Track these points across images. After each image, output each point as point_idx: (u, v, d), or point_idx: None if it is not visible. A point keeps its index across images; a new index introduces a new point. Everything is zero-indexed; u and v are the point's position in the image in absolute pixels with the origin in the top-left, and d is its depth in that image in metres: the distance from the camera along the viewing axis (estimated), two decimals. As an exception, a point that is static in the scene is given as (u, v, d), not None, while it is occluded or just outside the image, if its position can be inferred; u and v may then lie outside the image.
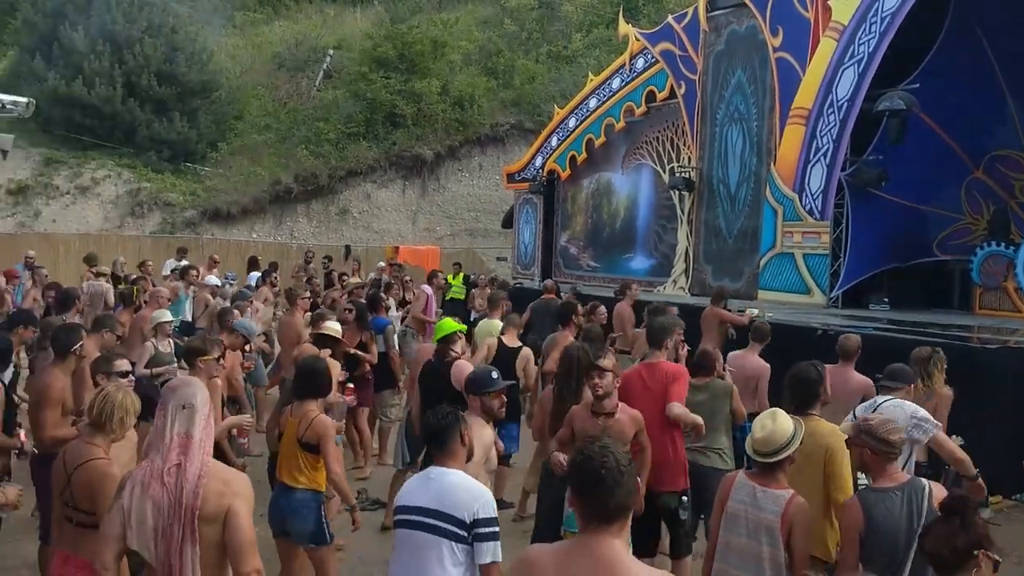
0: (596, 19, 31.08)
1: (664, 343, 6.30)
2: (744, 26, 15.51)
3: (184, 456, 3.43)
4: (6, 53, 29.55)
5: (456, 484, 3.96)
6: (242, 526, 3.40)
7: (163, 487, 3.38)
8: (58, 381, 5.86)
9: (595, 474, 2.78)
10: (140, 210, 25.77)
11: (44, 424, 5.67)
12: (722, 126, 16.04)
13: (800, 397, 5.01)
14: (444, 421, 4.16)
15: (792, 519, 4.17)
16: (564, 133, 20.37)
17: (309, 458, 5.46)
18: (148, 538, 3.38)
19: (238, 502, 3.43)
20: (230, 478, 3.49)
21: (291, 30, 32.71)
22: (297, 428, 5.48)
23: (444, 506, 3.89)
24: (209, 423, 3.55)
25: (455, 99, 28.63)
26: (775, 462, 4.25)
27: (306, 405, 5.56)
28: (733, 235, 15.79)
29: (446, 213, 28.66)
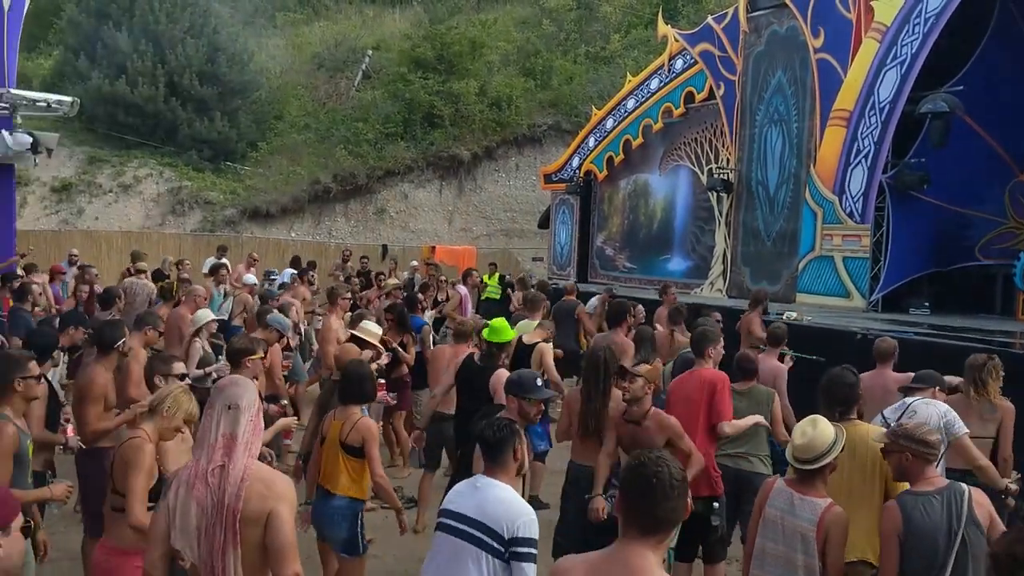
0: (635, 20, 30.98)
1: (706, 351, 6.27)
2: (785, 27, 15.40)
3: (228, 457, 3.41)
4: (51, 53, 30.05)
5: (500, 498, 3.92)
6: (283, 529, 3.37)
7: (207, 487, 3.37)
8: (100, 377, 5.96)
9: (645, 483, 2.76)
10: (181, 208, 26.10)
11: (88, 419, 5.78)
12: (761, 127, 15.93)
13: (840, 402, 4.96)
14: (500, 434, 4.10)
15: (828, 528, 4.13)
16: (602, 134, 20.34)
17: (352, 462, 5.45)
18: (191, 538, 3.37)
19: (280, 505, 3.39)
20: (273, 480, 3.46)
21: (331, 31, 32.94)
22: (341, 431, 5.47)
23: (485, 517, 3.87)
24: (257, 425, 3.53)
25: (493, 100, 28.68)
26: (815, 469, 4.22)
27: (350, 409, 5.57)
28: (772, 237, 15.67)
29: (482, 213, 28.72)
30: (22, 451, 4.65)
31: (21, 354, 5.07)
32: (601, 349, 6.32)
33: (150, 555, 3.49)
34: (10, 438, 4.57)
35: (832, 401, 4.97)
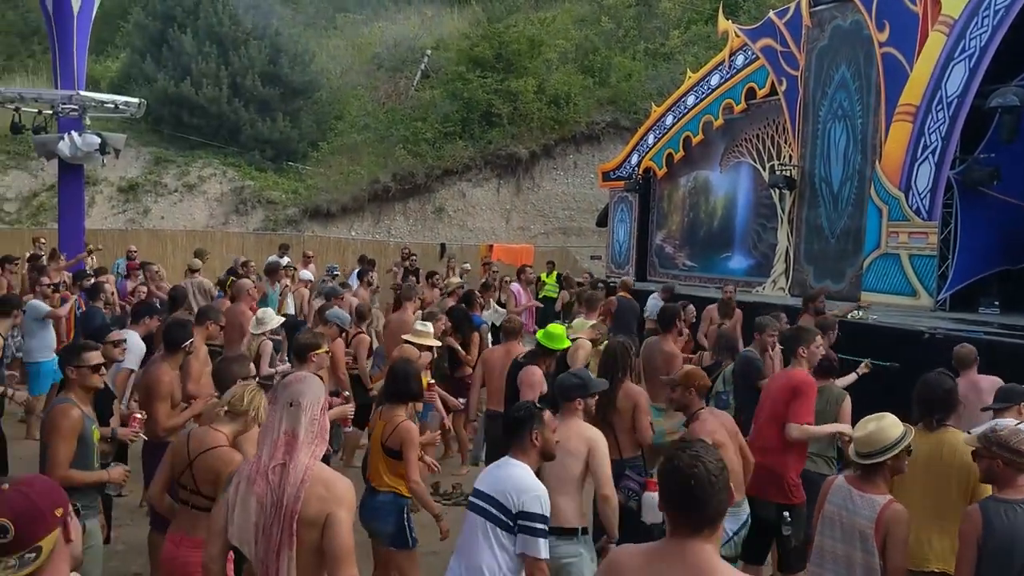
0: (695, 15, 30.69)
1: (797, 351, 6.15)
2: (848, 21, 15.12)
3: (289, 455, 3.40)
4: (119, 56, 30.72)
5: (512, 475, 4.18)
6: (341, 533, 3.35)
7: (267, 484, 3.37)
8: (166, 375, 6.12)
9: (684, 486, 2.70)
10: (244, 208, 26.51)
11: (157, 416, 5.93)
12: (825, 123, 15.67)
13: (939, 408, 4.79)
14: (517, 415, 4.39)
15: (887, 526, 4.05)
16: (661, 131, 20.18)
17: (391, 463, 5.49)
18: (249, 534, 3.38)
19: (339, 508, 3.37)
20: (333, 482, 3.42)
21: (390, 31, 33.17)
22: (383, 432, 5.52)
23: (497, 493, 4.14)
24: (322, 424, 3.50)
25: (551, 97, 28.62)
26: (874, 464, 4.14)
27: (395, 409, 5.59)
28: (836, 235, 15.41)
29: (540, 211, 28.69)
30: (86, 434, 4.92)
31: (79, 344, 5.29)
32: (616, 344, 6.45)
33: (209, 550, 3.51)
34: (74, 420, 4.85)
35: (930, 407, 4.81)
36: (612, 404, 6.03)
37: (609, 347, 6.51)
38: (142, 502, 7.32)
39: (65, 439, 4.80)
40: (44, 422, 5.06)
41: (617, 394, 6.08)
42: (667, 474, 2.77)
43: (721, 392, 7.75)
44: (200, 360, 6.78)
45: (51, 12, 14.98)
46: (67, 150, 14.46)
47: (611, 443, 5.84)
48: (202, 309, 7.86)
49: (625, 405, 6.10)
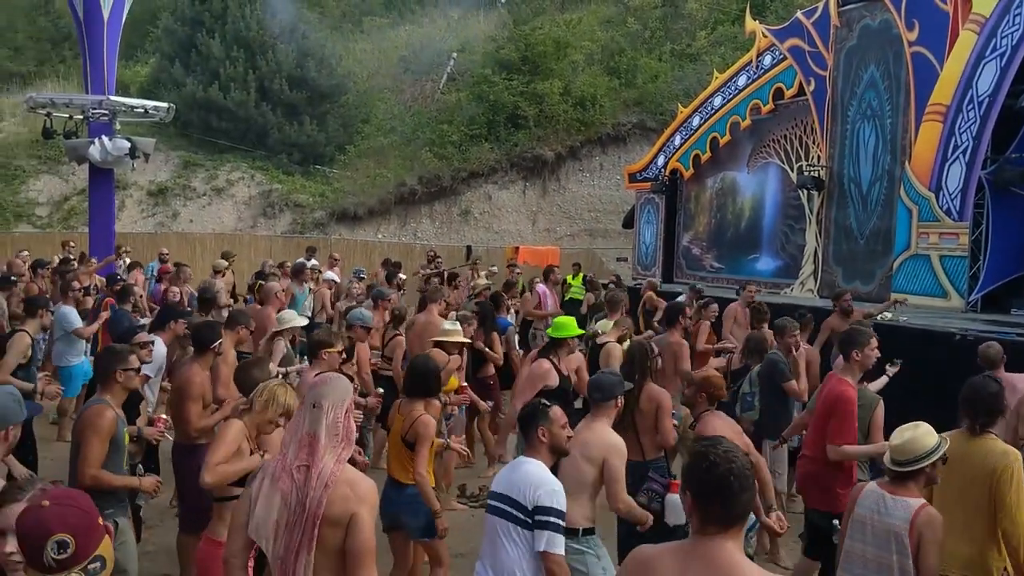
0: (721, 16, 30.55)
1: (851, 355, 5.90)
2: (877, 20, 14.99)
3: (311, 457, 3.41)
4: (148, 61, 31.03)
5: (526, 471, 4.17)
6: (364, 534, 3.37)
7: (292, 482, 3.39)
8: (197, 376, 6.16)
9: (722, 480, 2.66)
10: (272, 211, 26.70)
11: (188, 417, 5.97)
12: (854, 123, 15.54)
13: (985, 413, 4.69)
14: (525, 412, 4.44)
15: (920, 529, 4.02)
16: (688, 132, 20.09)
17: (411, 455, 5.53)
18: (269, 531, 3.39)
19: (362, 509, 3.39)
20: (356, 482, 3.44)
21: (416, 34, 33.29)
22: (402, 426, 5.58)
23: (511, 491, 4.14)
24: (347, 426, 3.51)
25: (577, 99, 28.59)
26: (908, 472, 4.12)
27: (414, 404, 5.64)
28: (865, 236, 15.27)
29: (566, 213, 28.67)
30: (119, 436, 5.01)
31: (123, 347, 5.37)
32: (637, 345, 6.48)
33: (230, 545, 3.55)
34: (110, 421, 4.94)
35: (976, 412, 4.70)
36: (634, 405, 6.01)
37: (630, 348, 6.53)
38: (172, 502, 7.38)
39: (100, 439, 4.88)
40: (78, 421, 5.13)
41: (639, 395, 6.06)
42: (700, 469, 2.73)
43: (747, 394, 7.73)
44: (229, 364, 6.77)
45: (82, 18, 15.15)
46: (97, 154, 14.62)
47: (633, 445, 5.87)
48: (232, 314, 7.89)
49: (648, 407, 6.08)
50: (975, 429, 4.66)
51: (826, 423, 5.79)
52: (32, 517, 2.34)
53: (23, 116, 25.04)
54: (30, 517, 2.33)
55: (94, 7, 14.98)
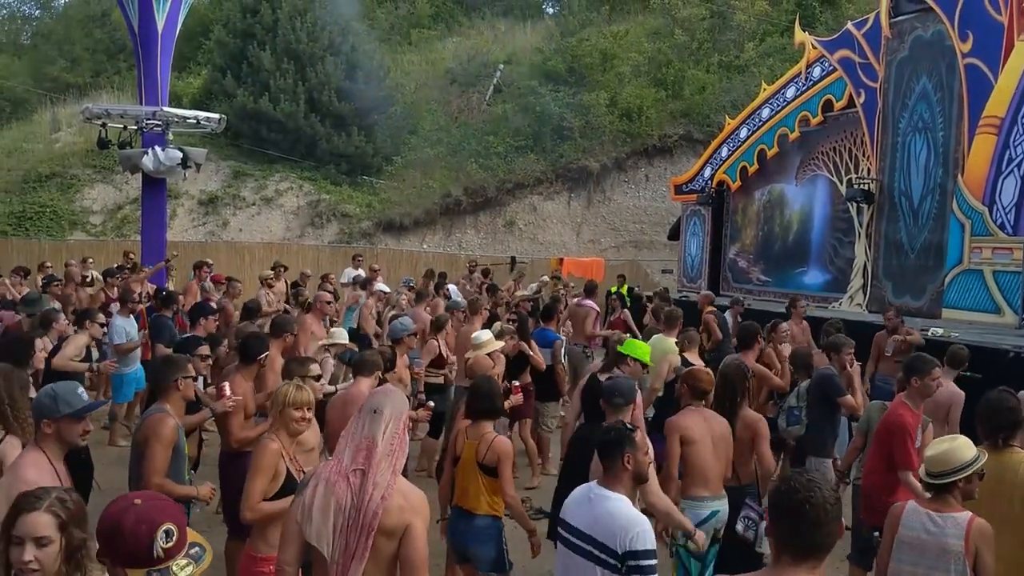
0: (770, 28, 30.34)
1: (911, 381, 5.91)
2: (930, 31, 14.78)
3: (368, 461, 3.46)
4: (200, 72, 31.54)
5: (612, 511, 3.83)
6: (417, 545, 3.42)
7: (348, 487, 3.43)
8: (240, 387, 6.19)
9: (798, 508, 2.65)
10: (319, 221, 26.96)
11: (231, 428, 6.02)
12: (905, 136, 15.32)
13: (1004, 427, 4.69)
14: (606, 438, 4.03)
15: (976, 542, 3.98)
16: (735, 143, 19.96)
17: (489, 481, 5.37)
18: (327, 535, 3.42)
19: (416, 520, 3.44)
20: (409, 493, 3.49)
21: (463, 46, 33.47)
22: (476, 450, 5.39)
23: (597, 533, 3.81)
24: (402, 438, 3.57)
25: (623, 111, 28.54)
26: (945, 484, 4.08)
27: (482, 427, 5.49)
28: (915, 250, 15.04)
29: (611, 225, 28.60)
30: (180, 445, 5.08)
31: (181, 357, 5.43)
32: (728, 367, 6.20)
33: (282, 554, 3.55)
34: (172, 430, 5.00)
35: (995, 427, 4.70)
36: (730, 432, 5.79)
37: (723, 369, 6.16)
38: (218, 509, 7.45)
39: (164, 447, 4.95)
40: (140, 430, 5.18)
41: (734, 422, 5.83)
42: (779, 492, 2.71)
43: (794, 408, 7.59)
44: (276, 373, 6.82)
45: (137, 31, 15.44)
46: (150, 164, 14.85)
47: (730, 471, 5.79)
48: (277, 321, 7.94)
49: (743, 434, 5.85)
50: (998, 443, 4.67)
51: (884, 446, 5.81)
52: (132, 515, 2.42)
53: (79, 126, 25.59)
54: (130, 515, 2.42)
55: (149, 20, 15.26)
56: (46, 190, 25.97)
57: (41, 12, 39.88)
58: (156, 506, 2.47)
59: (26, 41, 38.23)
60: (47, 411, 3.89)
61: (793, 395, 7.73)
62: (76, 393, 3.95)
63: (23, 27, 39.49)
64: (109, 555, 2.44)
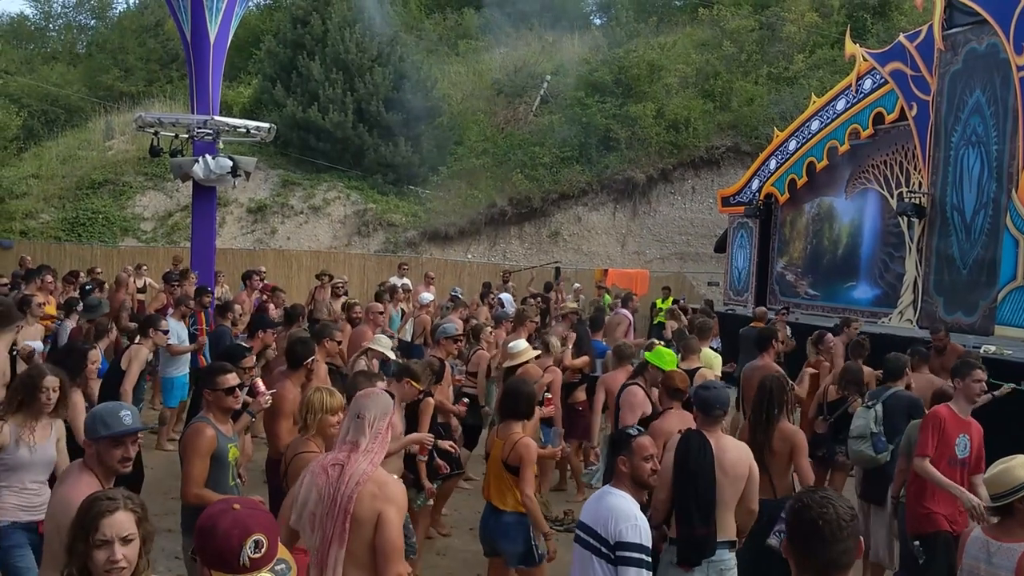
0: (820, 39, 30.04)
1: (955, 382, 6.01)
2: (984, 44, 14.55)
3: (348, 458, 3.73)
4: (251, 82, 31.97)
5: (611, 505, 4.13)
6: (390, 531, 3.64)
7: (327, 478, 3.71)
8: (290, 392, 6.23)
9: (812, 525, 2.63)
10: (366, 229, 27.16)
11: (279, 433, 6.05)
12: (957, 149, 15.08)
13: None
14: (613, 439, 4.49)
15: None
16: (783, 156, 19.78)
17: (514, 479, 5.50)
18: (307, 522, 3.70)
19: (389, 508, 3.66)
20: (385, 482, 3.74)
21: (511, 57, 33.56)
22: (502, 449, 5.55)
23: (595, 523, 4.12)
24: (384, 437, 3.83)
25: (670, 122, 28.43)
26: (1007, 508, 3.99)
27: (511, 426, 5.63)
28: (968, 265, 14.77)
29: (656, 236, 28.47)
30: (221, 453, 5.05)
31: (222, 366, 5.44)
32: (770, 379, 6.10)
33: None
34: (208, 439, 4.99)
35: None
36: (767, 445, 5.73)
37: (763, 383, 6.04)
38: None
39: (200, 457, 4.95)
40: (180, 441, 5.24)
41: (772, 434, 5.75)
42: (796, 514, 2.70)
43: (877, 434, 7.12)
44: (320, 378, 6.84)
45: (189, 41, 15.66)
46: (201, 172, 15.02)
47: (765, 483, 5.65)
48: (320, 326, 8.01)
49: (781, 447, 5.75)
50: None
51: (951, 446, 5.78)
52: (229, 518, 2.45)
53: (132, 134, 26.04)
54: (226, 518, 2.45)
55: (201, 30, 15.48)
56: (99, 197, 26.46)
57: (96, 22, 40.66)
58: (252, 515, 2.49)
59: (81, 50, 38.98)
60: (88, 431, 3.90)
61: (871, 420, 7.22)
62: (117, 416, 3.88)
63: (79, 37, 40.29)
64: (201, 553, 2.49)
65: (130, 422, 3.89)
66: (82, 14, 40.66)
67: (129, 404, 5.40)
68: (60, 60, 36.97)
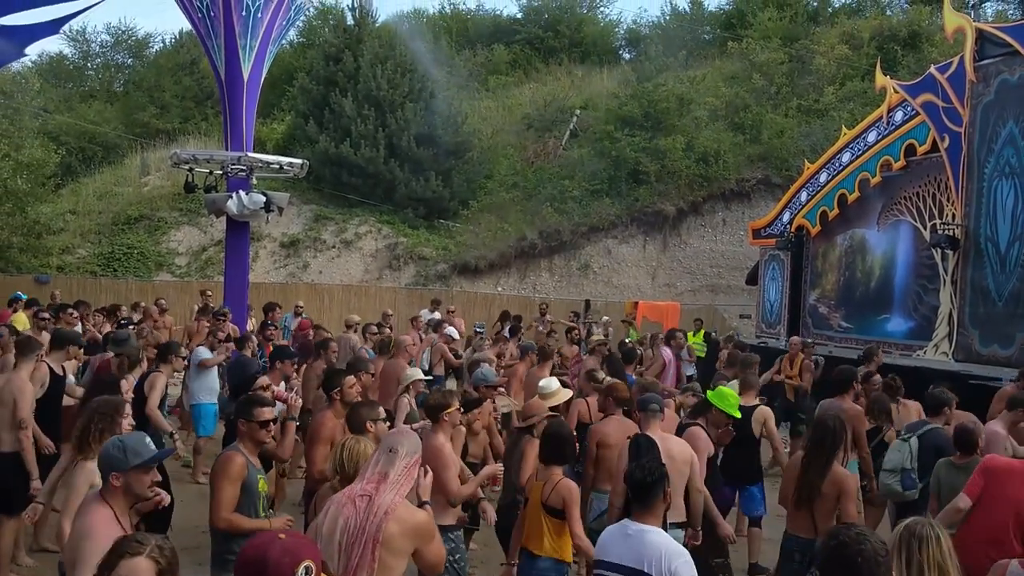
0: (850, 71, 30.00)
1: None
2: (1017, 75, 14.45)
3: (376, 490, 3.85)
4: (284, 118, 32.41)
5: (655, 542, 4.06)
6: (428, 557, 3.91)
7: (354, 508, 3.81)
8: (329, 420, 6.49)
9: (851, 562, 2.63)
10: (397, 263, 27.33)
11: (315, 459, 6.23)
12: (991, 181, 14.95)
13: None
14: (651, 477, 4.25)
15: None
16: (814, 188, 19.71)
17: (553, 523, 5.42)
18: (333, 550, 3.75)
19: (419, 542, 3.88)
20: (410, 514, 3.90)
21: (540, 92, 33.79)
22: (542, 491, 5.48)
23: (641, 563, 4.01)
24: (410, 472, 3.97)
25: (700, 155, 28.45)
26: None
27: (551, 470, 5.56)
28: (1004, 298, 14.59)
29: (687, 269, 28.40)
30: (250, 483, 5.11)
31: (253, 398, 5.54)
32: (831, 418, 5.94)
33: None
34: (239, 466, 5.08)
35: None
36: (816, 487, 5.60)
37: (824, 422, 5.89)
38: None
39: (230, 482, 5.03)
40: (212, 468, 5.31)
41: (825, 476, 5.60)
42: (832, 552, 2.68)
43: (909, 470, 6.95)
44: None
45: (223, 79, 15.93)
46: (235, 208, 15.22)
47: (807, 522, 5.63)
48: (352, 361, 8.12)
49: (830, 491, 5.60)
50: None
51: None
52: (278, 547, 2.56)
53: (167, 171, 26.44)
54: (275, 548, 2.56)
55: (235, 68, 15.75)
56: (134, 232, 26.85)
57: (133, 61, 41.43)
58: (299, 542, 2.66)
59: (119, 88, 39.71)
60: (116, 463, 3.90)
61: (907, 456, 7.05)
62: (144, 443, 3.97)
63: (116, 75, 41.05)
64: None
65: (155, 447, 4.06)
66: (119, 53, 41.44)
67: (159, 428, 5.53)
68: (98, 98, 37.66)
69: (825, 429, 5.76)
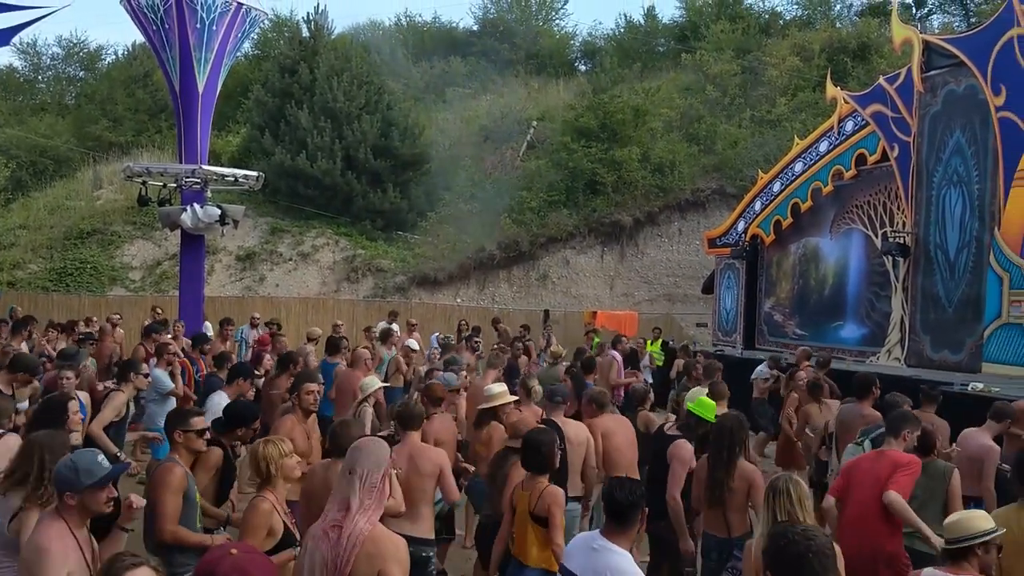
0: (802, 83, 30.48)
1: (902, 433, 6.01)
2: (962, 86, 14.78)
3: (344, 518, 3.72)
4: (239, 131, 32.17)
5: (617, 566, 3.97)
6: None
7: (328, 542, 3.71)
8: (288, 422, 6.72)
9: (801, 558, 2.64)
10: (355, 275, 27.21)
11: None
12: (939, 189, 15.26)
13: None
14: (631, 498, 4.14)
15: None
16: (768, 197, 19.97)
17: (541, 532, 5.37)
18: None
19: (388, 566, 3.68)
20: (382, 540, 3.74)
21: (497, 103, 33.90)
22: (529, 501, 5.43)
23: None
24: (381, 490, 3.81)
25: (655, 165, 28.71)
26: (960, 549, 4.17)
27: (537, 479, 5.50)
28: (953, 304, 14.88)
29: (644, 278, 28.60)
30: (190, 494, 5.10)
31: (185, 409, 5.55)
32: (730, 417, 6.24)
33: None
34: (179, 477, 5.06)
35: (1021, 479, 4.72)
36: (725, 483, 5.80)
37: (721, 422, 6.19)
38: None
39: (173, 494, 4.98)
40: (149, 480, 5.27)
41: (732, 472, 5.82)
42: (778, 546, 2.71)
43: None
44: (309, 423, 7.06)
45: (178, 91, 15.81)
46: (189, 221, 15.08)
47: (720, 521, 5.81)
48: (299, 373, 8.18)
49: (739, 485, 5.81)
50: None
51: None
52: (229, 563, 2.53)
53: (120, 184, 26.15)
54: (226, 563, 2.53)
55: (189, 81, 15.63)
56: (87, 246, 26.47)
57: (85, 73, 40.91)
58: (251, 559, 2.59)
59: (70, 102, 39.19)
60: (69, 484, 3.85)
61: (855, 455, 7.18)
62: (97, 462, 3.91)
63: (68, 88, 40.52)
64: None
65: (108, 465, 3.97)
66: (71, 66, 40.93)
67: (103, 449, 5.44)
68: (49, 111, 37.14)
69: (723, 430, 6.03)
